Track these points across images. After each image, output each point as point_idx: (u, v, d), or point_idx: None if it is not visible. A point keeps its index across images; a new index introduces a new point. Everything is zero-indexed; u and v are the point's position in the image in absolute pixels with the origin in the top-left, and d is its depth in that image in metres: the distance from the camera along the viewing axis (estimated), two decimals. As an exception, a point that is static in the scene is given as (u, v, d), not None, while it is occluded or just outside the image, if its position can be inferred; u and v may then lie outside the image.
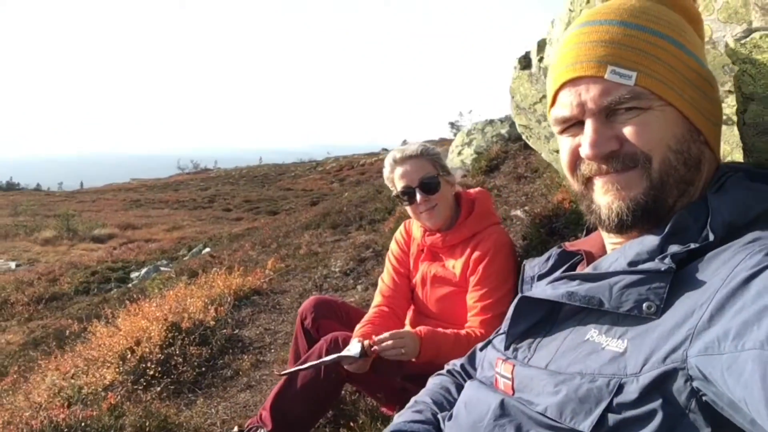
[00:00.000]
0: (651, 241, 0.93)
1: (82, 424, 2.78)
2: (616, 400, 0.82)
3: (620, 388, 0.82)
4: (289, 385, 2.43)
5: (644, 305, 0.85)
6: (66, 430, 2.72)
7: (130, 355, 4.55)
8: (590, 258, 1.11)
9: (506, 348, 1.09)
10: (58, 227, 23.20)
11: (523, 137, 3.63)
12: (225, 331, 5.08)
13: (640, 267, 0.89)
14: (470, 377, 1.34)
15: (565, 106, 1.00)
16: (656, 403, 0.79)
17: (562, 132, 1.05)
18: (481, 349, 1.28)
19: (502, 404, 1.00)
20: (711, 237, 0.88)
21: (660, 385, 0.79)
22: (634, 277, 0.88)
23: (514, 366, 1.04)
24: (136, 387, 4.08)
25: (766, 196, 0.92)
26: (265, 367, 4.35)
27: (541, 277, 1.17)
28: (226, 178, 43.83)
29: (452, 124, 45.17)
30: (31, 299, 12.55)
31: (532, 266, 1.22)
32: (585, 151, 0.98)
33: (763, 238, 0.84)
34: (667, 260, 0.87)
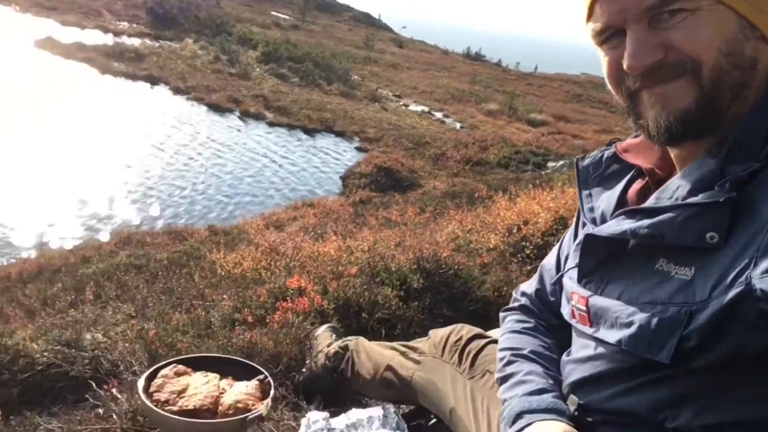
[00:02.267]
0: (709, 164, 0.88)
1: (456, 267, 3.38)
2: (689, 328, 0.82)
3: (691, 316, 0.82)
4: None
5: (707, 236, 0.82)
6: (443, 266, 3.35)
7: (515, 231, 5.09)
8: (651, 176, 1.05)
9: (579, 281, 1.07)
10: (502, 103, 25.48)
11: None
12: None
13: (699, 199, 0.85)
14: (544, 303, 1.30)
15: (603, 14, 0.92)
16: (728, 328, 0.79)
17: (601, 44, 0.97)
18: (554, 284, 1.24)
19: (591, 343, 1.03)
20: None
21: (729, 310, 0.78)
22: (694, 210, 0.85)
23: (588, 298, 1.03)
24: (511, 259, 4.61)
25: None
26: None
27: (600, 180, 1.15)
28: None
29: None
30: (462, 159, 14.47)
31: (585, 166, 1.18)
32: (627, 63, 0.89)
33: None
34: (727, 187, 0.82)
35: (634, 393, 0.94)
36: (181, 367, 1.43)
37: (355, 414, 1.82)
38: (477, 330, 1.74)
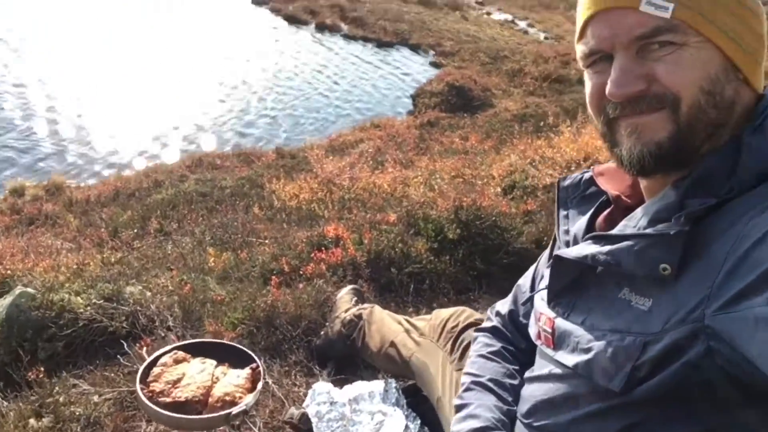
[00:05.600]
0: (671, 197, 0.89)
1: (495, 216, 3.32)
2: (641, 359, 0.85)
3: (645, 347, 0.84)
4: None
5: (660, 267, 0.84)
6: (482, 216, 3.30)
7: (574, 167, 4.93)
8: (618, 204, 1.07)
9: (548, 303, 1.08)
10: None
11: None
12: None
13: (654, 230, 0.87)
14: (516, 326, 1.31)
15: (594, 38, 0.92)
16: (678, 363, 0.81)
17: (587, 67, 0.97)
18: (524, 303, 1.28)
19: (551, 366, 1.06)
20: (735, 190, 0.83)
21: (680, 346, 0.81)
22: (649, 240, 0.86)
23: (554, 320, 1.05)
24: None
25: None
26: None
27: (578, 202, 1.16)
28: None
29: None
30: (540, 75, 13.82)
31: (565, 186, 1.20)
32: (609, 90, 0.90)
33: None
34: (682, 221, 0.83)
35: (586, 421, 0.97)
36: (180, 354, 1.53)
37: (357, 387, 1.91)
38: (476, 316, 1.76)
